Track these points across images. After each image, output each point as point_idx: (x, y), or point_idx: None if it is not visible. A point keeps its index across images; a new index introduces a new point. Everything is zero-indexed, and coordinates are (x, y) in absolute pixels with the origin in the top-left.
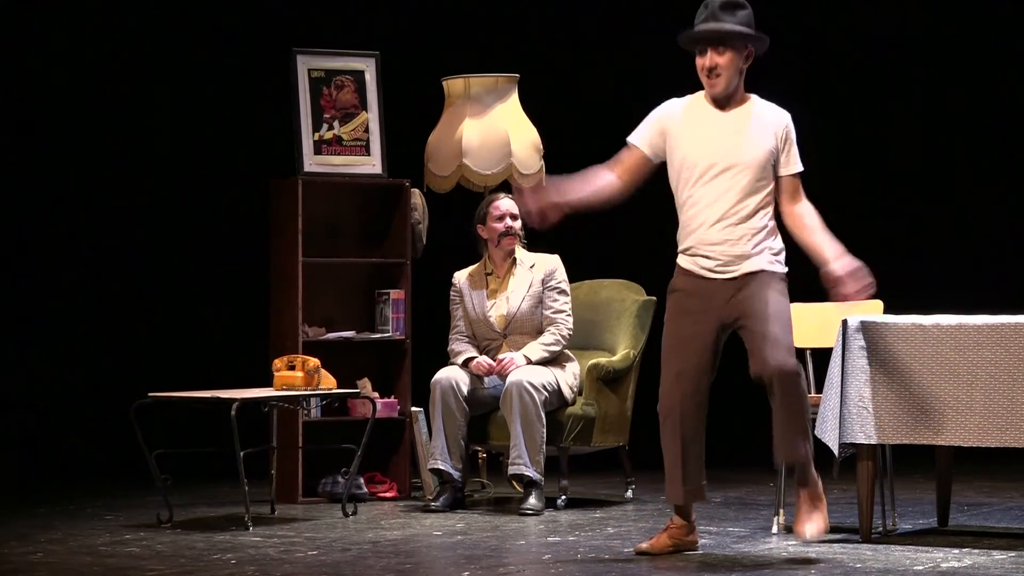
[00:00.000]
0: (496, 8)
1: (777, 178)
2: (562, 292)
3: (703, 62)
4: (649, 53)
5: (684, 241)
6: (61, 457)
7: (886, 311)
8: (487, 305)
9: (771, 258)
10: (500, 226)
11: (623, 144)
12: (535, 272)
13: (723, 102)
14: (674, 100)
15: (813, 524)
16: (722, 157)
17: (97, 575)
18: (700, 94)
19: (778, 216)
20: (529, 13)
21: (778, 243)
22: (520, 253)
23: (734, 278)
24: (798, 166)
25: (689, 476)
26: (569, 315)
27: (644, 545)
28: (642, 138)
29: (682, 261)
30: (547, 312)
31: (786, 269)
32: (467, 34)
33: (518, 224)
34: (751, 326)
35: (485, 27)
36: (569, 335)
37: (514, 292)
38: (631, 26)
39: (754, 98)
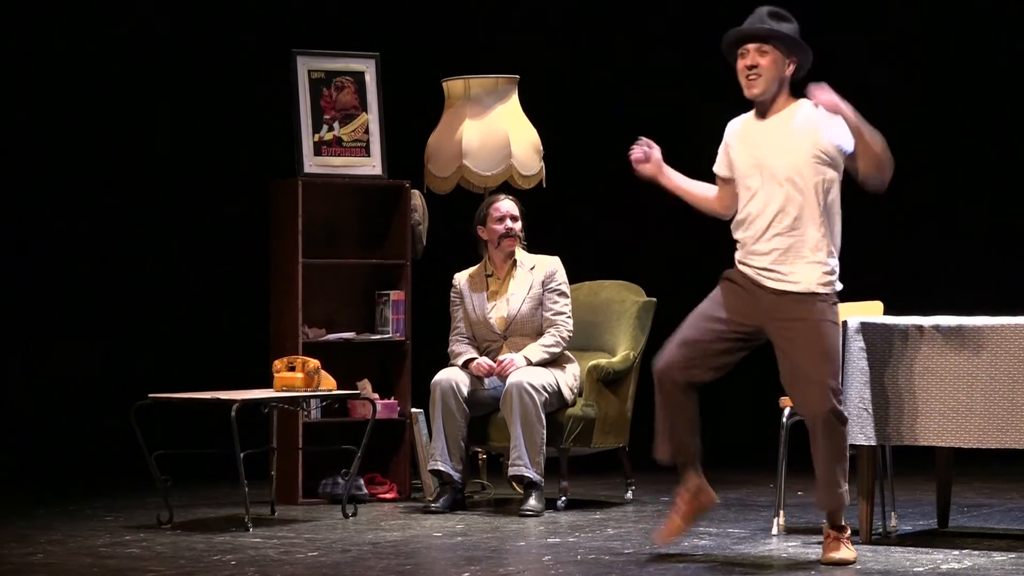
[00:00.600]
0: (496, 9)
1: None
2: (562, 294)
3: (744, 62)
4: (649, 53)
5: (739, 249)
6: (61, 458)
7: (886, 312)
8: (487, 307)
9: (823, 276)
10: (500, 227)
11: (624, 144)
12: (535, 274)
13: (765, 111)
14: (735, 119)
15: (841, 555)
16: (764, 168)
17: None
18: (753, 111)
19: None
20: (529, 14)
21: (832, 259)
22: (520, 255)
23: (783, 291)
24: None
25: (675, 436)
26: (569, 317)
27: (662, 535)
28: (722, 165)
29: (738, 258)
30: (547, 314)
31: (839, 287)
32: (467, 35)
33: (518, 226)
34: (799, 365)
35: (485, 28)
36: (569, 337)
37: (514, 294)
38: (631, 26)
39: (799, 103)
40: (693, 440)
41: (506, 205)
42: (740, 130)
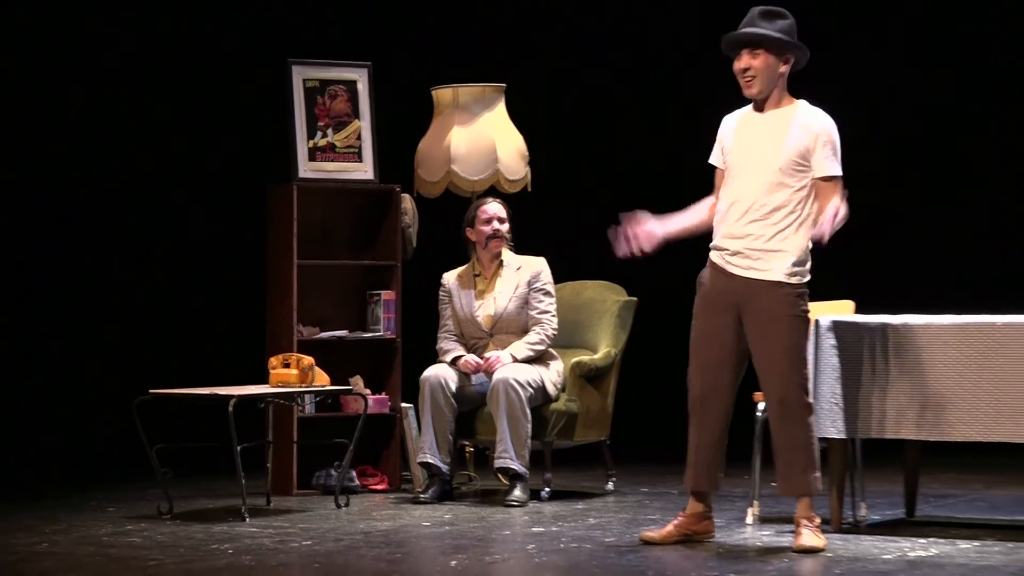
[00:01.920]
0: (484, 19)
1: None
2: (547, 294)
3: (739, 64)
4: (631, 62)
5: (714, 237)
6: (66, 451)
7: (857, 311)
8: (475, 305)
9: (791, 267)
10: (488, 229)
11: (610, 149)
12: (521, 274)
13: (763, 106)
14: (731, 114)
15: (811, 543)
16: (754, 156)
17: (100, 565)
18: (751, 104)
19: None
20: (516, 24)
21: (800, 247)
22: (507, 255)
23: (753, 279)
24: (828, 170)
25: (703, 463)
26: (554, 316)
27: (651, 534)
28: (716, 158)
29: (711, 255)
30: (532, 313)
31: (807, 279)
32: (456, 45)
33: (505, 227)
34: (762, 357)
35: (474, 38)
36: (554, 335)
37: (501, 293)
38: (615, 36)
39: (799, 103)
40: (720, 468)
41: (493, 207)
42: (738, 122)
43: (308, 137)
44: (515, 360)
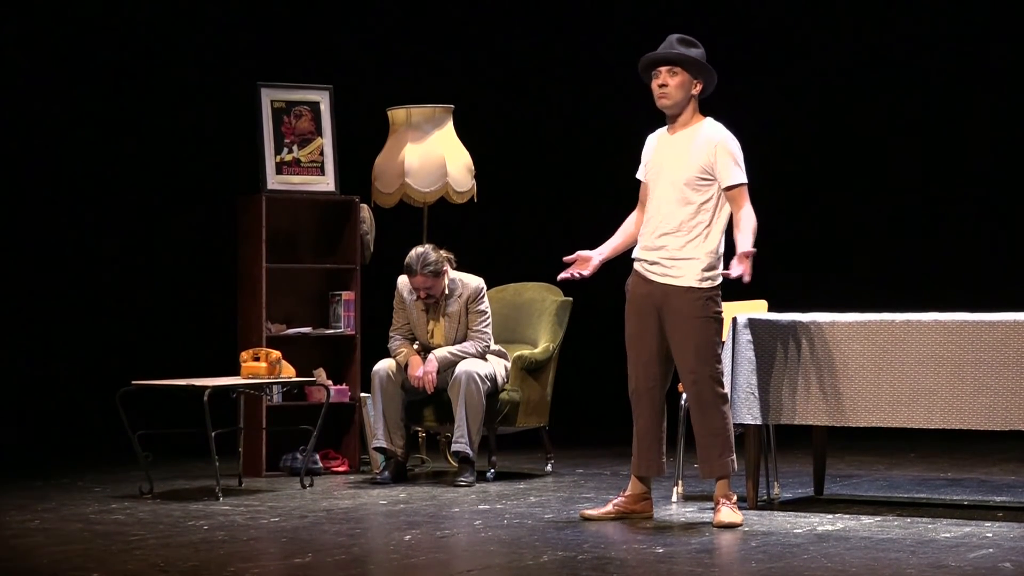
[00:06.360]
0: (435, 47)
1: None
2: (482, 312)
3: (656, 81)
4: (568, 87)
5: (637, 247)
6: (56, 437)
7: (769, 310)
8: (427, 327)
9: (701, 273)
10: (421, 294)
11: (550, 163)
12: (462, 299)
13: (675, 126)
14: (653, 133)
15: (729, 519)
16: (664, 172)
17: (87, 540)
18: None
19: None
20: (464, 52)
21: (710, 254)
22: (451, 275)
23: (668, 285)
24: (732, 179)
25: (644, 450)
26: (487, 331)
27: (591, 512)
28: (641, 172)
29: (635, 264)
30: (469, 329)
31: (718, 282)
32: (410, 70)
33: (437, 289)
34: (678, 354)
35: (425, 64)
36: (485, 348)
37: (449, 320)
38: (554, 62)
39: (705, 121)
40: (661, 454)
41: (418, 281)
42: (655, 141)
43: (275, 152)
44: (436, 360)
